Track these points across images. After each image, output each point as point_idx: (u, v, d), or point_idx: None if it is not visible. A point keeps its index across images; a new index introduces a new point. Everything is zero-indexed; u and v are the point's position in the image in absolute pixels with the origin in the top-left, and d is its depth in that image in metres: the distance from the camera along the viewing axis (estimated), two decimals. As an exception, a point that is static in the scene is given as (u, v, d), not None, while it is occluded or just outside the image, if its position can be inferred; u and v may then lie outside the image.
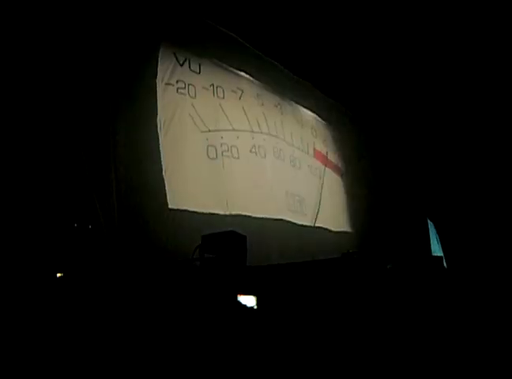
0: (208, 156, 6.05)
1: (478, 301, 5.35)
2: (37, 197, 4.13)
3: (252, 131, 6.81)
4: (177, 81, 5.93)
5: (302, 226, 7.25)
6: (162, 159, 5.38)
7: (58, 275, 4.15)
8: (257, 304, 3.94)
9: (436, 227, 9.79)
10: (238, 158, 6.43)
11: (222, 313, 3.83)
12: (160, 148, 5.39)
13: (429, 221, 9.80)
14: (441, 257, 8.53)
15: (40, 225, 4.13)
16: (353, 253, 5.91)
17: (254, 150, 6.75)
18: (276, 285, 4.15)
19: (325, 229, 7.85)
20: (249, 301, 3.93)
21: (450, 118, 8.92)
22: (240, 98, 6.77)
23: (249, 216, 6.22)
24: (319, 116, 8.55)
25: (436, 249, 9.59)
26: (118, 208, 4.67)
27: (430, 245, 9.55)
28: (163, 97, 5.67)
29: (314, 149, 8.26)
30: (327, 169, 8.47)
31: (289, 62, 7.58)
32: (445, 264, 8.36)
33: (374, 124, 9.64)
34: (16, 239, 3.87)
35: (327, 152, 8.62)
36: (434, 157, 9.41)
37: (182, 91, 5.93)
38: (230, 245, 4.34)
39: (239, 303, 3.89)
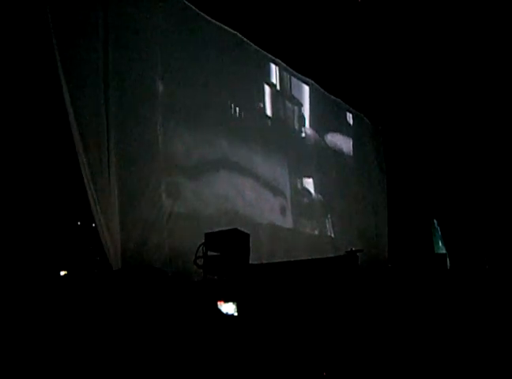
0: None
1: (479, 299, 5.35)
2: (36, 197, 4.07)
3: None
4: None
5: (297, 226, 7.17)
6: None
7: (62, 273, 4.13)
8: (264, 299, 3.93)
9: (440, 226, 9.78)
10: None
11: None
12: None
13: (433, 219, 9.80)
14: (444, 255, 8.53)
15: (40, 224, 4.07)
16: (356, 251, 5.93)
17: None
18: (283, 281, 4.14)
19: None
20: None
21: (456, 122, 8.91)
22: None
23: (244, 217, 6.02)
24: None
25: (440, 248, 9.58)
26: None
27: (433, 243, 9.55)
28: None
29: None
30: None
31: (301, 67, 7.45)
32: (448, 262, 8.36)
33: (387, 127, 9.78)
34: (16, 238, 3.82)
35: None
36: (439, 159, 9.40)
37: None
38: (233, 243, 4.32)
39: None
